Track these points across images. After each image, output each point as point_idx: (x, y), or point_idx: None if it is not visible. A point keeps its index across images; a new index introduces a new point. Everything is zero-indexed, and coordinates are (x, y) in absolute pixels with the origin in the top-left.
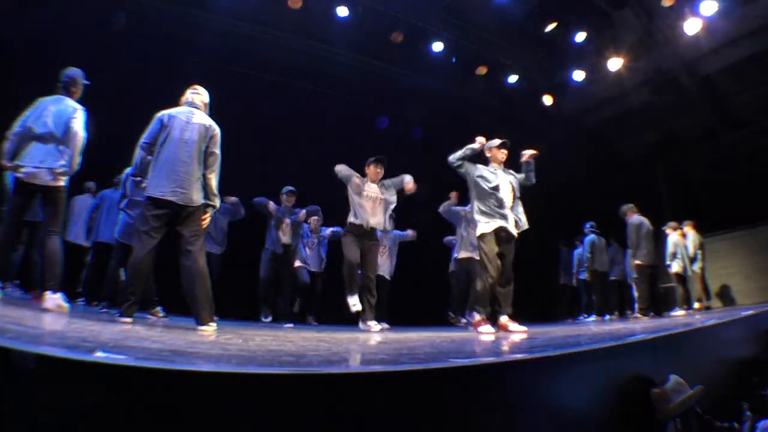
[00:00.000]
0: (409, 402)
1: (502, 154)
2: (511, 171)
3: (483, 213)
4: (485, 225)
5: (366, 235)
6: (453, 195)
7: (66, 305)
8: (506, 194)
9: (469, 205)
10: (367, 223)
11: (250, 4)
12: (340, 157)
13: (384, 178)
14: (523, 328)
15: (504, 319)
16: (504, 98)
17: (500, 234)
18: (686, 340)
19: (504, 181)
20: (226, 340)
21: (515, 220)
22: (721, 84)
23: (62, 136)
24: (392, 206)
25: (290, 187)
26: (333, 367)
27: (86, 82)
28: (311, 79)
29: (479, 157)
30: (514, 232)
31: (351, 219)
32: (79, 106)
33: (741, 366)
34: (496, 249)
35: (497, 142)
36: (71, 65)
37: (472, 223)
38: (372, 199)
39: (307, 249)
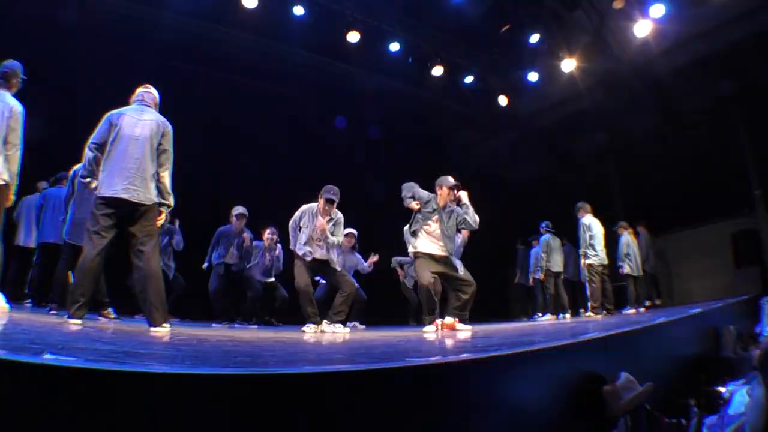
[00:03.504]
0: (365, 401)
1: (451, 195)
2: (454, 209)
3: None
4: (421, 245)
5: (318, 263)
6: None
7: (5, 306)
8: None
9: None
10: (314, 257)
11: (203, 2)
12: (297, 158)
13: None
14: (469, 327)
15: (449, 320)
16: (460, 98)
17: (434, 256)
18: (636, 339)
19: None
20: (180, 341)
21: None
22: (670, 86)
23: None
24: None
25: (241, 209)
26: (289, 367)
27: (24, 77)
28: (267, 78)
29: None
30: (445, 253)
31: (297, 250)
32: (17, 103)
33: (689, 363)
34: (430, 265)
35: (451, 182)
36: (17, 60)
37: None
38: (315, 239)
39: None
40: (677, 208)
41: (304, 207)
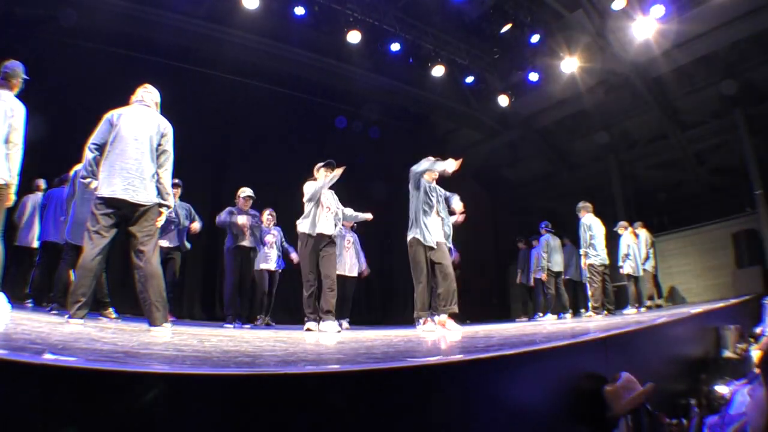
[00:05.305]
0: (366, 401)
1: (434, 175)
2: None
3: (425, 224)
4: (423, 236)
5: (322, 244)
6: None
7: (7, 305)
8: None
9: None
10: (323, 233)
11: (203, 2)
12: (297, 157)
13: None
14: (460, 327)
15: (442, 318)
16: (461, 98)
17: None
18: (637, 338)
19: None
20: (181, 341)
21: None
22: (671, 85)
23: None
24: (342, 215)
25: (248, 192)
26: (289, 368)
27: (26, 77)
28: (268, 78)
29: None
30: (443, 240)
31: (306, 230)
32: (19, 103)
33: (689, 363)
34: (423, 257)
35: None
36: (17, 60)
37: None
38: (328, 207)
39: (265, 248)
40: (677, 208)
41: (307, 184)
